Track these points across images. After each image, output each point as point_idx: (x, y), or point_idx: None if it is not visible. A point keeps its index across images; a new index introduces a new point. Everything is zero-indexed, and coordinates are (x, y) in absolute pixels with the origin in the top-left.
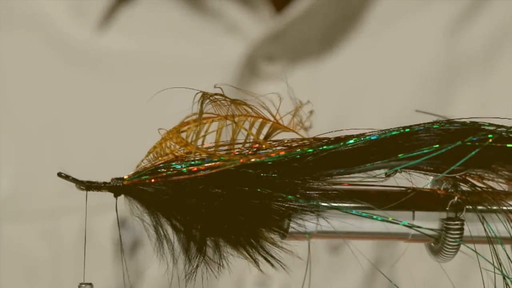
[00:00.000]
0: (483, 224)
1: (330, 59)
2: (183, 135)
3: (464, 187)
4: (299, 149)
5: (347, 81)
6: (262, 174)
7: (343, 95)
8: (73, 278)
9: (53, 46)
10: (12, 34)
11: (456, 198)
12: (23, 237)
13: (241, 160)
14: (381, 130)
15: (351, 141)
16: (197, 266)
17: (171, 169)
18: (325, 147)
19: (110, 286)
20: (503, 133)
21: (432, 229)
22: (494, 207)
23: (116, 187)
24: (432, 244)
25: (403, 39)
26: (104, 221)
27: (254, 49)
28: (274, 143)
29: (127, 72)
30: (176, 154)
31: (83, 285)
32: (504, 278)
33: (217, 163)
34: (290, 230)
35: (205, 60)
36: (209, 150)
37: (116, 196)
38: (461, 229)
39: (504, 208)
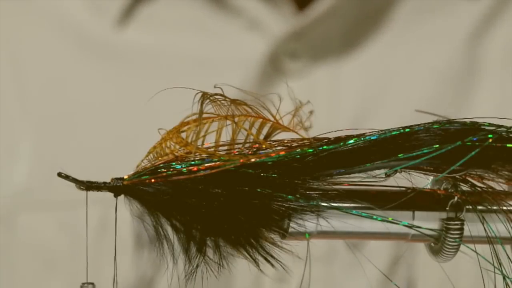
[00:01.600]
0: (483, 224)
1: (352, 58)
2: (183, 135)
3: (464, 187)
4: (299, 149)
5: (368, 80)
6: (262, 174)
7: (364, 94)
8: (91, 268)
9: (71, 40)
10: (31, 28)
11: (456, 198)
12: (41, 227)
13: (241, 160)
14: (381, 130)
15: (351, 141)
16: (197, 266)
17: (171, 169)
18: (325, 147)
19: (129, 278)
20: (503, 133)
21: (432, 229)
22: (494, 207)
23: (116, 187)
24: (432, 244)
25: (425, 39)
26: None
27: (276, 47)
28: (274, 143)
29: (146, 69)
30: (176, 154)
31: (85, 285)
32: (504, 278)
33: (217, 163)
34: (290, 230)
35: (227, 57)
36: (209, 150)
37: (116, 196)
38: (461, 229)
39: (504, 208)
